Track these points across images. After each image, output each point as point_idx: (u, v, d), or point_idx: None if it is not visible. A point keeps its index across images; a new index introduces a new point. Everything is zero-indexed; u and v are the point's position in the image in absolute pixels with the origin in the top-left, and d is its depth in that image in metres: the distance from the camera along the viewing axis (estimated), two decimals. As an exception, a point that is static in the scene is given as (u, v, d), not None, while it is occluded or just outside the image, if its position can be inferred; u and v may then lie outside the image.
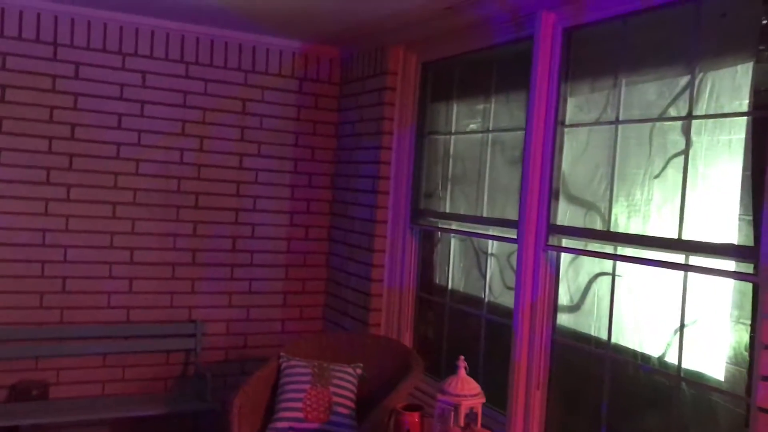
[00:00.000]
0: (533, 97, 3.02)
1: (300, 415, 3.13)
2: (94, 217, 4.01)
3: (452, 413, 2.38)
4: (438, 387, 2.51)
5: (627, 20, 2.69)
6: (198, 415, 4.16)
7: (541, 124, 3.01)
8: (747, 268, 2.23)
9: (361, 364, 3.37)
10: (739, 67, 2.30)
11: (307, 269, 4.59)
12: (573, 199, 2.96)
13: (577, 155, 2.94)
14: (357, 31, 3.96)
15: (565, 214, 2.97)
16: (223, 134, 4.29)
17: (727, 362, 2.36)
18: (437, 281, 3.98)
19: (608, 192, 2.76)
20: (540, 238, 3.02)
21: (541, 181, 3.01)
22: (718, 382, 2.39)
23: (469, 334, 3.60)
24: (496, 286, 3.49)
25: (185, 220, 4.23)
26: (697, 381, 2.43)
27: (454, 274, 3.82)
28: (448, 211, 3.82)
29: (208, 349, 4.29)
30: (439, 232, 3.94)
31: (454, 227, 3.74)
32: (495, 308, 3.45)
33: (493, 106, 3.51)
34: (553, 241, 2.98)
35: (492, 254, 3.55)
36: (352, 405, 3.20)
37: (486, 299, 3.51)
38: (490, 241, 3.54)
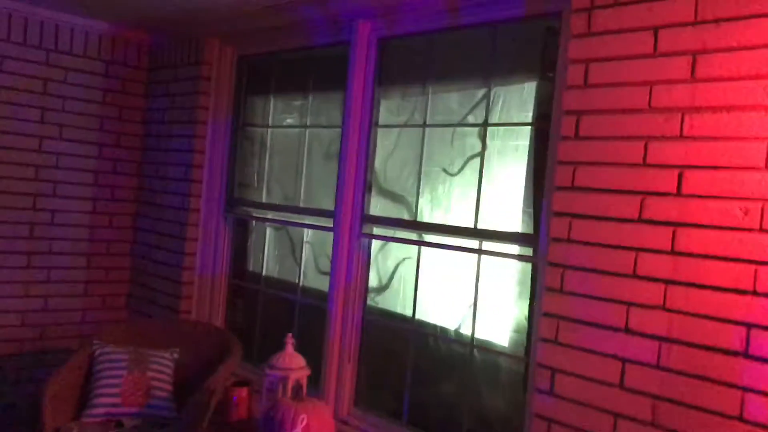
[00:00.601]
0: (350, 98, 3.31)
1: (117, 400, 3.14)
2: None
3: (281, 385, 2.59)
4: (266, 364, 2.70)
5: (434, 36, 3.07)
6: (-11, 412, 3.93)
7: (357, 124, 3.31)
8: (528, 251, 2.71)
9: (178, 349, 3.43)
10: (526, 85, 2.76)
11: (110, 258, 4.49)
12: (384, 192, 3.29)
13: (389, 153, 3.29)
14: (170, 19, 3.98)
15: (377, 205, 3.30)
16: (21, 114, 4.07)
17: (511, 331, 2.83)
18: (251, 269, 4.14)
19: (415, 186, 3.13)
20: (354, 227, 3.32)
21: (357, 175, 3.31)
22: (503, 347, 2.85)
23: (283, 317, 3.81)
24: (311, 271, 3.74)
25: (-24, 205, 3.96)
26: (487, 348, 2.88)
27: (268, 262, 4.00)
28: (264, 201, 3.99)
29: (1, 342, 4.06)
30: (254, 221, 4.10)
31: (269, 216, 3.93)
32: (309, 292, 3.70)
33: (310, 103, 3.75)
34: (366, 229, 3.30)
35: (307, 242, 3.80)
36: (170, 388, 3.27)
37: (300, 284, 3.74)
38: (305, 230, 3.77)
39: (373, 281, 3.35)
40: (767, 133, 1.92)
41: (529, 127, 2.75)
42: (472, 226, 2.87)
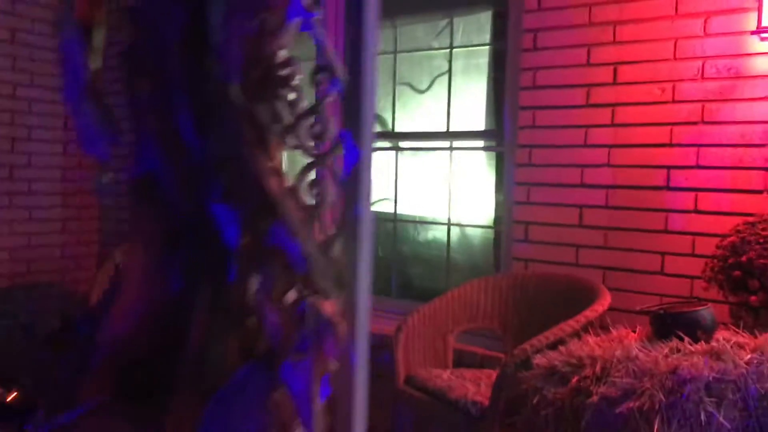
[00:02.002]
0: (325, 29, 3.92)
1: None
2: None
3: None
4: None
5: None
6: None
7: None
8: (491, 144, 3.51)
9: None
10: (482, 15, 3.53)
11: (82, 196, 4.82)
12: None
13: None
14: None
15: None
16: (-5, 62, 4.31)
17: (481, 210, 3.64)
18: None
19: (390, 104, 3.83)
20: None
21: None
22: (476, 223, 3.66)
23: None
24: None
25: (-38, 148, 4.19)
26: (462, 224, 3.67)
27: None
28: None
29: (-5, 276, 4.34)
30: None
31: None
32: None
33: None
34: (346, 143, 3.96)
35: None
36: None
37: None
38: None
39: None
40: (674, 35, 2.81)
41: (487, 48, 3.53)
42: (444, 130, 3.62)
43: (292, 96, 0.89)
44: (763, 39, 2.56)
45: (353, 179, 0.90)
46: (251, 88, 0.85)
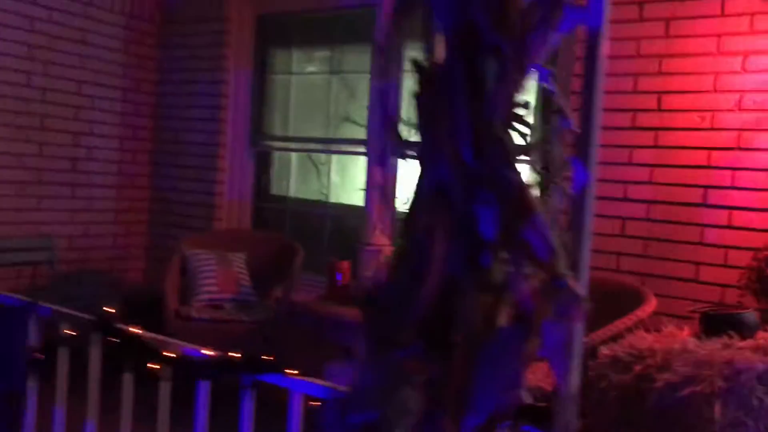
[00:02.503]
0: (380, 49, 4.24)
1: (216, 289, 3.93)
2: (-53, 133, 4.05)
3: (379, 256, 3.56)
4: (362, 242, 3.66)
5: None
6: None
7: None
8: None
9: (245, 252, 4.25)
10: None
11: (133, 189, 5.10)
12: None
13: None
14: None
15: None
16: (64, 60, 4.58)
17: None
18: (276, 191, 4.97)
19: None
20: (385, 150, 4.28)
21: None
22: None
23: (308, 229, 4.70)
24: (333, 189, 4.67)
25: (33, 141, 4.45)
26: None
27: (292, 185, 4.87)
28: (291, 135, 4.83)
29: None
30: (275, 152, 4.93)
31: (293, 147, 4.78)
32: (333, 207, 4.64)
33: (334, 54, 4.62)
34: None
35: (322, 164, 4.71)
36: (250, 281, 4.10)
37: (329, 201, 4.66)
38: (324, 156, 4.68)
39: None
40: (715, 69, 3.17)
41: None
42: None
43: (527, 130, 1.21)
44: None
45: (581, 193, 1.22)
46: (506, 124, 1.18)
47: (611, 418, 2.38)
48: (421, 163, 1.22)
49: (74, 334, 1.83)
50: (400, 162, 4.24)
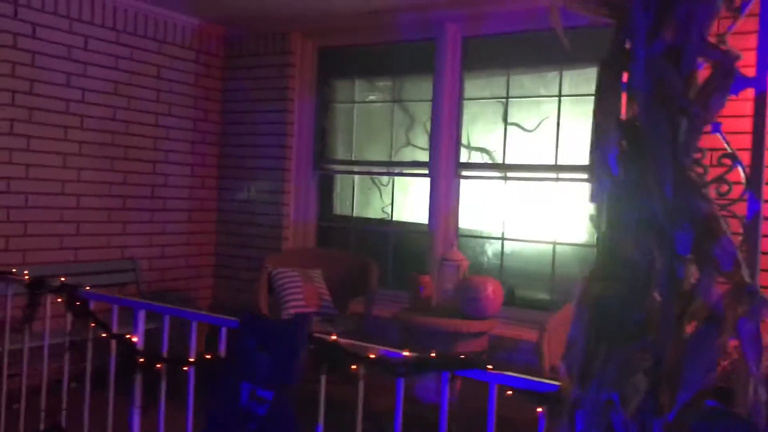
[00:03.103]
0: (440, 80, 4.61)
1: (303, 303, 4.26)
2: (48, 166, 4.37)
3: (457, 270, 3.90)
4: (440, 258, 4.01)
5: (512, 35, 4.46)
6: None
7: (448, 98, 4.62)
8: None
9: (320, 269, 4.58)
10: (587, 70, 4.25)
11: (203, 213, 5.44)
12: (473, 147, 4.66)
13: (475, 117, 4.64)
14: (256, 17, 4.97)
15: (468, 155, 4.66)
16: (143, 95, 4.92)
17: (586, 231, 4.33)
18: (338, 212, 5.31)
19: (502, 141, 4.52)
20: (450, 172, 4.65)
21: (450, 134, 4.64)
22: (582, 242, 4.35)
23: (371, 247, 5.04)
24: (395, 210, 5.02)
25: (118, 170, 4.78)
26: (570, 243, 4.36)
27: (356, 206, 5.21)
28: (354, 158, 5.18)
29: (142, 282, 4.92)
30: (337, 175, 5.28)
31: (356, 169, 5.13)
32: (395, 224, 4.98)
33: (395, 83, 4.99)
34: (459, 172, 4.64)
35: (384, 185, 5.06)
36: (329, 296, 4.43)
37: (391, 219, 5.01)
38: (386, 177, 5.03)
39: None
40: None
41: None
42: (553, 163, 4.32)
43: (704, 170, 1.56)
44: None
45: (753, 219, 1.57)
46: (693, 166, 1.53)
47: None
48: (626, 197, 1.56)
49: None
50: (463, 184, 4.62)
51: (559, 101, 4.33)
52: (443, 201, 4.66)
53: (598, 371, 1.46)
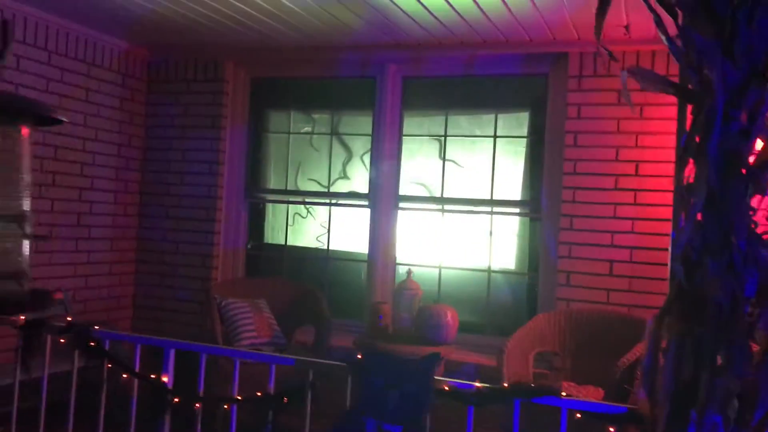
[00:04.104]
0: (381, 116, 4.85)
1: (255, 334, 4.28)
2: None
3: (414, 298, 4.13)
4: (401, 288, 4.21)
5: (451, 78, 4.80)
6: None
7: (388, 133, 4.87)
8: (525, 210, 4.63)
9: (264, 299, 4.62)
10: (519, 114, 4.67)
11: (126, 241, 5.25)
12: (413, 180, 4.92)
13: (414, 152, 4.92)
14: (192, 45, 4.93)
15: (407, 186, 4.92)
16: (72, 118, 4.71)
17: (515, 261, 4.72)
18: (270, 240, 5.35)
19: (440, 176, 4.83)
20: (389, 204, 4.88)
21: (390, 168, 4.88)
22: (512, 269, 4.74)
23: (306, 277, 5.15)
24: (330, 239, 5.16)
25: (46, 197, 4.53)
26: (502, 271, 4.73)
27: (288, 234, 5.28)
28: (288, 188, 5.26)
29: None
30: (270, 204, 5.32)
31: (291, 199, 5.22)
32: (331, 254, 5.13)
33: (333, 116, 5.15)
34: (398, 204, 4.89)
35: (308, 215, 5.19)
36: (277, 325, 4.49)
37: (328, 248, 5.14)
38: (322, 207, 5.17)
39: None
40: (672, 144, 4.12)
41: (525, 139, 4.67)
42: (488, 197, 4.69)
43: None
44: (745, 155, 3.94)
45: None
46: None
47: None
48: (710, 247, 1.87)
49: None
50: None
51: (495, 141, 4.72)
52: (383, 231, 4.87)
53: (703, 397, 1.76)
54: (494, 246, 4.72)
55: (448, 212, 4.85)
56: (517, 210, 4.72)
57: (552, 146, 4.47)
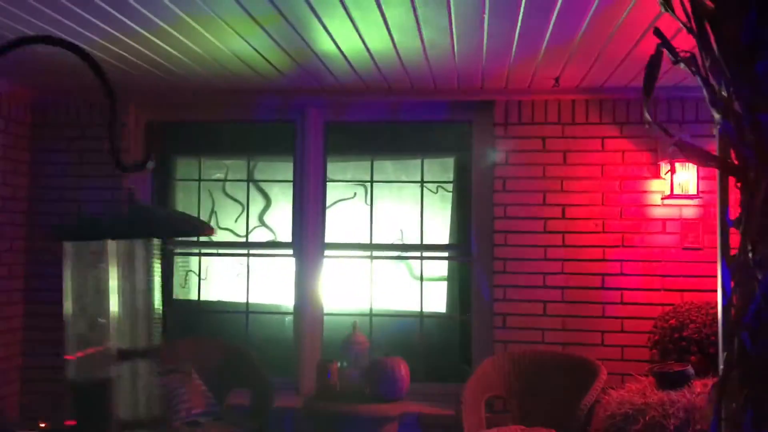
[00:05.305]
0: (303, 161, 4.69)
1: (191, 405, 3.93)
2: None
3: (360, 353, 4.00)
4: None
5: (375, 124, 4.75)
6: None
7: (312, 179, 4.71)
8: (454, 254, 4.67)
9: (190, 362, 4.27)
10: (445, 160, 4.72)
11: (10, 307, 4.63)
12: (339, 226, 4.79)
13: (339, 198, 4.80)
14: (83, 84, 4.47)
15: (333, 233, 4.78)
16: (-49, 172, 4.10)
17: (447, 304, 4.73)
18: (180, 297, 4.96)
19: (369, 222, 4.75)
20: (316, 251, 4.71)
21: (315, 215, 4.72)
22: (444, 313, 4.74)
23: (223, 333, 4.83)
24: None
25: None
26: (434, 315, 4.72)
27: (202, 289, 4.93)
28: (199, 239, 4.90)
29: None
30: (177, 257, 4.94)
31: (204, 251, 4.88)
32: (251, 307, 4.86)
33: (249, 162, 4.89)
34: (324, 252, 4.73)
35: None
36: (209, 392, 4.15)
37: (247, 302, 4.86)
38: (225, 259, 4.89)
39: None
40: (601, 189, 4.36)
41: (452, 183, 4.72)
42: (418, 242, 4.68)
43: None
44: (663, 198, 4.24)
45: None
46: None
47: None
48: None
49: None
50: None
51: (422, 186, 4.73)
52: (309, 280, 4.69)
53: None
54: (425, 290, 4.71)
55: (377, 258, 4.77)
56: (446, 254, 4.75)
57: (479, 190, 4.56)
